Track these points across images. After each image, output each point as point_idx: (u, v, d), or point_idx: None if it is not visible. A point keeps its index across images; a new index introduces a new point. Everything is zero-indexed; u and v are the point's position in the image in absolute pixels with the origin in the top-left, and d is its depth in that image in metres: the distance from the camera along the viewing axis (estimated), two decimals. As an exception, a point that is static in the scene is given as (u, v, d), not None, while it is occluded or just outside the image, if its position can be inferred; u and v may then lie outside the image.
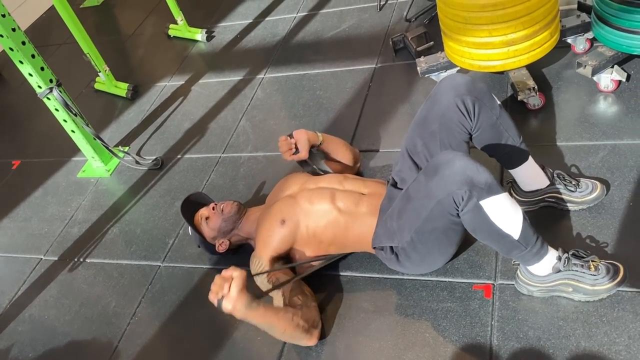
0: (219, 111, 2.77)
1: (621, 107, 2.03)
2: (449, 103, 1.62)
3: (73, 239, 2.38)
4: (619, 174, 1.81)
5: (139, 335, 1.91)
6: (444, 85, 1.66)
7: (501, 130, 1.66)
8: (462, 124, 1.63)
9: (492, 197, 1.40)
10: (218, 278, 1.47)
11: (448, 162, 1.43)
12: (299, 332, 1.60)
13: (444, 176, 1.42)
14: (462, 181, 1.39)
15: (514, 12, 1.90)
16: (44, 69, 2.36)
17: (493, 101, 1.65)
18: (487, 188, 1.39)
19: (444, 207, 1.44)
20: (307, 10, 3.27)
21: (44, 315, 2.10)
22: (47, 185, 2.73)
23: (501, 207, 1.42)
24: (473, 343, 1.55)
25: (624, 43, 1.97)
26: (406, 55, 2.65)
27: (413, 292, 1.72)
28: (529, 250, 1.48)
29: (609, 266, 1.52)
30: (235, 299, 1.44)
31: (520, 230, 1.44)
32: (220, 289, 1.45)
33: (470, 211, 1.42)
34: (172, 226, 2.26)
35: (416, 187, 1.52)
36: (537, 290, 1.57)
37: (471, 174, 1.39)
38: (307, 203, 1.76)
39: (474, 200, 1.40)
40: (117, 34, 3.86)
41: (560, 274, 1.52)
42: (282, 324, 1.57)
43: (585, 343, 1.46)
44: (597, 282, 1.50)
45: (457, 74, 1.70)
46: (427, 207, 1.47)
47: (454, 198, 1.41)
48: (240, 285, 1.45)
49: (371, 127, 2.36)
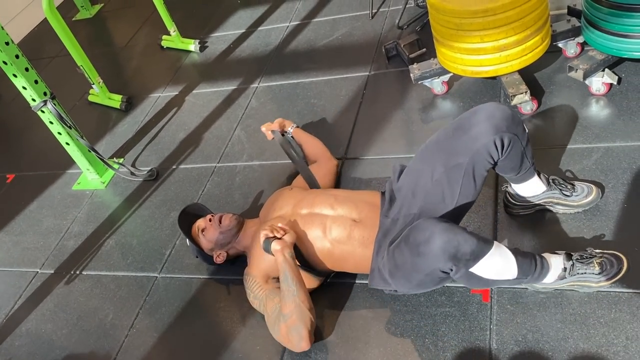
0: (214, 121, 2.77)
1: (613, 109, 2.04)
2: (487, 141, 1.50)
3: (69, 252, 2.37)
4: (613, 176, 1.82)
5: (137, 347, 1.90)
6: (481, 118, 1.52)
7: (524, 158, 1.61)
8: (492, 157, 1.54)
9: (481, 261, 1.40)
10: (274, 224, 1.68)
11: (427, 241, 1.37)
12: (310, 315, 1.61)
13: (426, 255, 1.38)
14: (446, 259, 1.37)
15: (505, 18, 1.92)
16: (37, 82, 2.36)
17: (525, 133, 1.58)
18: (473, 257, 1.38)
19: (434, 275, 1.45)
20: (300, 19, 3.29)
21: (41, 329, 2.09)
22: (42, 199, 2.72)
23: (491, 265, 1.43)
24: (472, 347, 1.55)
25: (614, 46, 1.99)
26: (399, 62, 2.67)
27: (411, 297, 1.72)
28: (529, 278, 1.51)
29: (612, 260, 1.54)
30: (287, 244, 1.64)
31: (515, 272, 1.47)
32: (276, 232, 1.65)
33: (462, 276, 1.44)
34: (168, 237, 2.25)
35: (401, 259, 1.47)
36: (541, 288, 1.59)
37: (453, 250, 1.35)
38: (299, 231, 1.73)
39: (462, 270, 1.41)
40: (110, 45, 3.87)
41: (565, 280, 1.55)
42: (305, 294, 1.63)
43: (583, 344, 1.46)
44: (602, 279, 1.53)
45: (495, 104, 1.55)
46: (416, 278, 1.48)
47: (441, 270, 1.41)
48: (294, 239, 1.66)
49: (366, 134, 2.37)
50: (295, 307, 1.59)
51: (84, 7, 4.28)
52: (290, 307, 1.60)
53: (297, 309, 1.59)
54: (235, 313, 1.88)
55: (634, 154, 1.86)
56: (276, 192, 2.00)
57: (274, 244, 1.63)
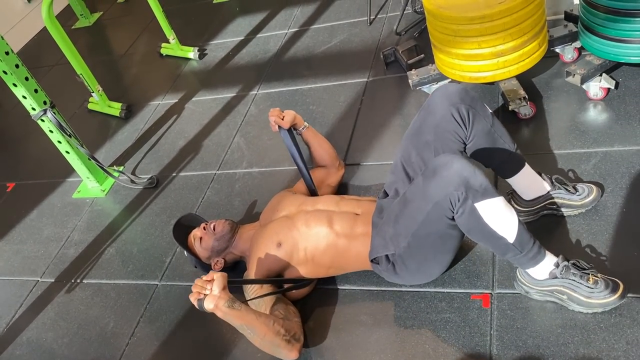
0: (213, 128, 2.78)
1: (611, 114, 2.05)
2: (444, 112, 1.63)
3: (69, 260, 2.37)
4: (612, 181, 1.83)
5: (138, 355, 1.90)
6: (437, 95, 1.68)
7: (495, 137, 1.68)
8: (457, 133, 1.65)
9: (487, 200, 1.42)
10: (199, 280, 1.53)
11: (447, 164, 1.44)
12: (279, 339, 1.60)
13: (442, 177, 1.43)
14: (459, 182, 1.41)
15: (502, 24, 1.93)
16: (37, 91, 2.37)
17: (486, 109, 1.68)
18: (482, 191, 1.41)
19: (441, 210, 1.46)
20: (298, 26, 3.30)
21: (42, 337, 2.09)
22: (42, 207, 2.72)
23: (496, 210, 1.43)
24: (473, 353, 1.55)
25: (611, 51, 2.00)
26: (397, 68, 2.68)
27: (411, 303, 1.72)
28: (524, 254, 1.49)
29: (609, 282, 1.52)
30: (218, 297, 1.50)
31: (515, 234, 1.46)
32: (202, 289, 1.51)
33: (465, 213, 1.44)
34: (168, 245, 2.26)
35: (413, 190, 1.54)
36: (534, 292, 1.58)
37: (468, 175, 1.41)
38: (304, 226, 1.76)
39: (469, 202, 1.42)
40: (109, 54, 3.88)
41: (556, 281, 1.53)
42: (262, 328, 1.58)
43: (584, 350, 1.46)
44: (594, 295, 1.50)
45: (449, 83, 1.72)
46: (423, 210, 1.49)
47: (450, 199, 1.43)
48: (222, 285, 1.52)
49: (365, 140, 2.38)
50: (261, 342, 1.61)
51: (83, 16, 4.29)
52: (257, 343, 1.63)
53: (263, 342, 1.61)
54: (236, 320, 1.88)
55: (632, 158, 1.87)
56: (278, 194, 2.01)
57: (207, 304, 1.50)
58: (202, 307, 1.51)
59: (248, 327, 1.57)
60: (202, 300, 1.50)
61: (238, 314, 1.54)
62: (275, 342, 1.61)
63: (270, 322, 1.60)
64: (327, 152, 2.15)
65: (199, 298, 1.51)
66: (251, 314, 1.57)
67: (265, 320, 1.60)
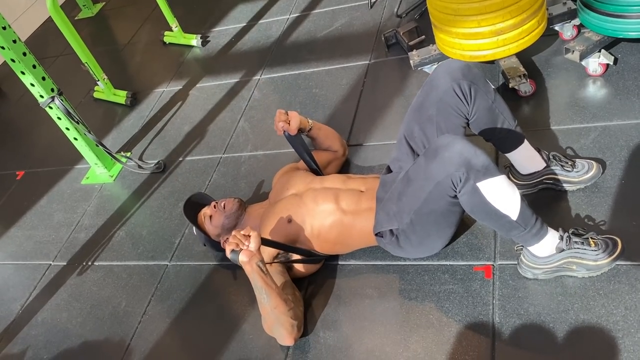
0: (218, 113, 2.82)
1: (610, 89, 2.08)
2: (446, 88, 1.66)
3: (80, 244, 2.43)
4: (611, 154, 1.86)
5: (150, 332, 1.95)
6: (440, 71, 1.70)
7: (497, 113, 1.71)
8: (459, 109, 1.68)
9: (489, 179, 1.45)
10: (237, 233, 1.62)
11: (447, 145, 1.47)
12: (285, 317, 1.65)
13: (443, 158, 1.47)
14: (460, 163, 1.43)
15: (501, 2, 1.95)
16: (45, 78, 2.41)
17: (488, 85, 1.70)
18: (484, 170, 1.44)
19: (443, 189, 1.49)
20: (300, 11, 3.33)
21: (56, 318, 2.15)
22: (52, 194, 2.78)
23: (498, 188, 1.46)
24: (476, 322, 1.60)
25: (609, 27, 2.03)
26: (399, 50, 2.70)
27: (415, 276, 1.77)
28: (528, 230, 1.52)
29: (608, 241, 1.57)
30: (253, 254, 1.59)
31: (518, 211, 1.48)
32: (241, 243, 1.60)
33: (468, 193, 1.47)
34: (177, 226, 2.31)
35: (416, 170, 1.57)
36: (541, 273, 1.60)
37: (469, 156, 1.44)
38: (312, 203, 1.81)
39: (471, 182, 1.44)
40: (113, 43, 3.91)
41: (564, 253, 1.56)
42: (277, 299, 1.64)
43: (583, 316, 1.51)
44: (599, 257, 1.55)
45: (451, 60, 1.74)
46: (426, 189, 1.52)
47: (452, 180, 1.46)
48: (259, 244, 1.61)
49: (367, 122, 2.41)
50: (270, 312, 1.65)
51: (86, 6, 4.33)
52: (265, 311, 1.68)
53: (271, 314, 1.66)
54: (245, 296, 1.93)
55: (631, 131, 1.90)
56: (285, 171, 2.06)
57: (242, 256, 1.58)
58: (235, 259, 1.60)
59: (265, 293, 1.62)
60: (237, 252, 1.59)
61: (263, 277, 1.62)
62: (281, 319, 1.65)
63: (286, 297, 1.67)
64: (333, 142, 2.16)
65: (234, 249, 1.59)
66: (273, 283, 1.65)
67: (282, 294, 1.66)
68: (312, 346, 1.71)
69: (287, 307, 1.65)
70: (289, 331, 1.67)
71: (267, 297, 1.63)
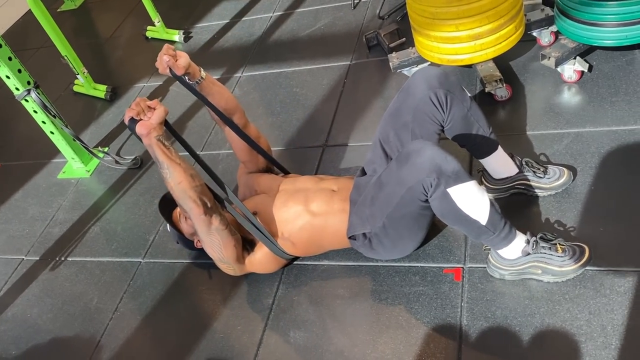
0: (197, 110, 2.81)
1: (584, 96, 2.11)
2: (422, 95, 1.67)
3: (54, 239, 2.40)
4: (582, 160, 1.89)
5: (121, 329, 1.94)
6: (417, 77, 1.71)
7: (472, 121, 1.72)
8: (435, 116, 1.69)
9: (459, 185, 1.46)
10: (141, 101, 1.48)
11: (419, 151, 1.49)
12: (193, 191, 1.54)
13: (415, 164, 1.48)
14: (431, 169, 1.45)
15: (478, 6, 1.97)
16: (21, 71, 2.38)
17: (464, 94, 1.71)
18: (454, 176, 1.45)
19: (414, 194, 1.50)
20: (283, 10, 3.32)
21: (27, 313, 2.13)
22: (28, 187, 2.75)
23: (468, 194, 1.48)
24: (444, 324, 1.61)
25: (584, 35, 2.05)
26: (379, 51, 2.71)
27: (387, 277, 1.78)
28: (497, 235, 1.54)
29: (575, 248, 1.59)
30: (153, 127, 1.46)
31: (487, 216, 1.50)
32: (143, 113, 1.47)
33: (438, 198, 1.48)
34: (152, 223, 2.29)
35: (388, 174, 1.58)
36: (508, 274, 1.63)
37: (440, 162, 1.45)
38: (282, 206, 1.80)
39: (441, 187, 1.46)
40: (95, 37, 3.88)
41: (530, 257, 1.58)
42: (182, 174, 1.52)
43: (549, 320, 1.53)
44: (565, 263, 1.57)
45: (429, 66, 1.74)
46: (398, 194, 1.53)
47: (423, 185, 1.47)
48: (162, 118, 1.48)
49: (346, 122, 2.42)
50: (174, 188, 1.53)
51: (69, -2, 4.28)
52: (169, 187, 1.55)
53: (176, 190, 1.53)
54: (217, 295, 1.93)
55: (602, 139, 1.93)
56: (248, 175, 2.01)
57: (139, 128, 1.45)
58: (133, 129, 1.47)
59: (167, 167, 1.51)
60: (135, 121, 1.46)
61: (164, 150, 1.50)
62: (187, 193, 1.54)
63: (192, 175, 1.55)
64: (231, 98, 1.87)
65: (133, 117, 1.46)
66: (178, 158, 1.53)
67: (188, 170, 1.54)
68: (282, 346, 1.71)
69: (193, 183, 1.54)
70: (197, 204, 1.56)
71: (170, 172, 1.51)
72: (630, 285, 1.53)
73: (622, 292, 1.52)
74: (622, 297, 1.51)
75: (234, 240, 1.72)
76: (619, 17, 1.95)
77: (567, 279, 1.58)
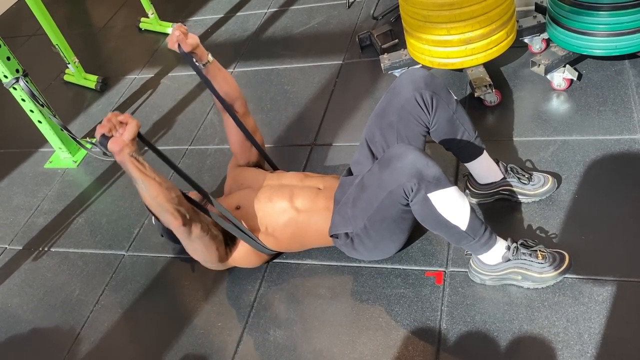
0: (188, 104, 2.80)
1: (572, 104, 2.12)
2: (408, 96, 1.68)
3: (38, 229, 2.39)
4: (567, 168, 1.90)
5: (101, 322, 1.94)
6: (403, 78, 1.72)
7: (457, 124, 1.73)
8: (420, 117, 1.70)
9: (440, 191, 1.47)
10: (113, 117, 1.42)
11: (400, 155, 1.49)
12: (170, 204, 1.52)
13: (396, 168, 1.48)
14: (412, 174, 1.45)
15: (470, 11, 1.97)
16: (10, 58, 2.36)
17: (450, 96, 1.72)
18: (435, 182, 1.46)
19: (395, 198, 1.51)
20: (278, 6, 3.31)
21: (7, 303, 2.11)
22: (14, 176, 2.73)
23: (448, 200, 1.48)
24: (423, 327, 1.61)
25: (574, 43, 2.06)
26: (372, 52, 2.71)
27: (369, 279, 1.78)
28: (477, 240, 1.55)
29: (556, 255, 1.60)
30: (125, 144, 1.41)
31: (467, 222, 1.51)
32: (114, 129, 1.42)
33: (419, 202, 1.49)
34: (137, 216, 2.28)
35: (370, 177, 1.58)
36: (488, 279, 1.64)
37: (421, 167, 1.45)
38: (267, 201, 1.80)
39: (422, 192, 1.46)
40: (88, 26, 3.85)
41: (510, 263, 1.59)
42: (157, 188, 1.49)
43: (527, 326, 1.54)
44: (545, 270, 1.58)
45: (417, 68, 1.74)
46: (379, 197, 1.54)
47: (404, 189, 1.48)
48: (134, 134, 1.43)
49: (336, 122, 2.42)
50: (151, 202, 1.52)
51: (63, -13, 4.25)
52: (146, 201, 1.53)
53: (153, 203, 1.52)
54: (199, 291, 1.92)
55: (588, 147, 1.94)
56: (240, 168, 2.02)
57: (111, 145, 1.40)
58: (104, 146, 1.41)
59: (143, 183, 1.48)
60: (107, 138, 1.41)
61: (138, 167, 1.46)
62: (164, 206, 1.53)
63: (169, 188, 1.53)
64: (234, 85, 1.88)
65: (105, 134, 1.41)
66: (153, 172, 1.49)
67: (164, 183, 1.51)
68: (262, 344, 1.71)
69: (169, 195, 1.52)
70: (175, 216, 1.54)
71: (145, 186, 1.48)
72: (609, 295, 1.54)
73: (600, 300, 1.53)
74: (600, 305, 1.52)
75: (215, 243, 1.72)
76: (609, 27, 1.96)
77: (547, 285, 1.59)
